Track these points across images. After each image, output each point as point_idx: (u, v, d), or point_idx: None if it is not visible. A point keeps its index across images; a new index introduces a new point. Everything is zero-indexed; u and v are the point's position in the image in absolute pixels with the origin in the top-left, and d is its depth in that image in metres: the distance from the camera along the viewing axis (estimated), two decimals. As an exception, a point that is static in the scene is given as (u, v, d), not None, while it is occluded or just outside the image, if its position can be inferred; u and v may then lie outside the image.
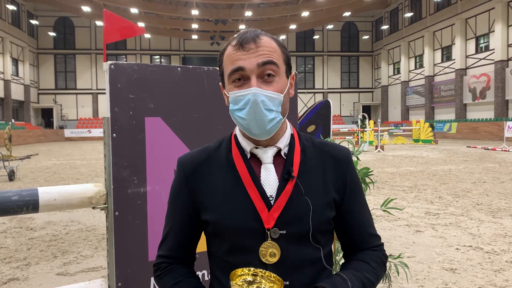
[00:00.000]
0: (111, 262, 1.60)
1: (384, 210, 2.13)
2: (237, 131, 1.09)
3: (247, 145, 1.04)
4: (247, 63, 0.96)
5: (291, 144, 1.06)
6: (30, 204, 1.40)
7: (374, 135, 20.13)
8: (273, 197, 1.00)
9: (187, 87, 1.72)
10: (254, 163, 1.04)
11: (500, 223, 5.10)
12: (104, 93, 1.56)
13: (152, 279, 1.65)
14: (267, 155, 1.03)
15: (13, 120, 32.99)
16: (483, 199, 6.64)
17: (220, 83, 1.08)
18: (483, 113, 28.57)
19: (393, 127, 29.59)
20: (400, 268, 2.38)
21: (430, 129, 23.20)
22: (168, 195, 1.13)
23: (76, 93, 41.56)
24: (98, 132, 37.71)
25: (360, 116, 23.80)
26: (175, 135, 1.69)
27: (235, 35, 1.01)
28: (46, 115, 41.03)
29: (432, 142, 22.71)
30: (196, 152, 1.11)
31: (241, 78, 0.97)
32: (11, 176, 9.70)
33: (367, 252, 1.08)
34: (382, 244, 1.13)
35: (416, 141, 23.58)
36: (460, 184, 8.25)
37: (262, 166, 1.03)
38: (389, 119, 41.40)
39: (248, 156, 1.04)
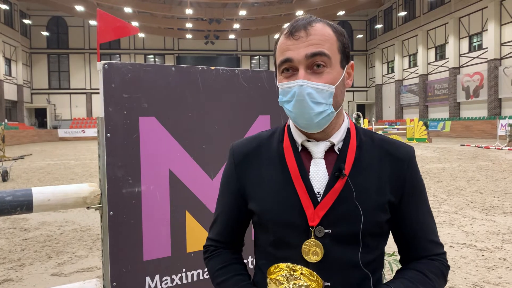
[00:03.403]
0: (106, 262, 1.59)
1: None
2: (290, 121, 1.05)
3: (298, 137, 1.00)
4: (295, 54, 0.91)
5: (346, 139, 0.99)
6: (24, 205, 1.39)
7: (369, 133, 20.18)
8: (320, 194, 0.94)
9: (181, 87, 1.71)
10: (304, 156, 0.99)
11: (493, 221, 5.14)
12: (98, 93, 1.56)
13: (147, 278, 1.65)
14: (318, 149, 0.97)
15: (6, 120, 32.75)
16: (476, 197, 6.69)
17: (276, 73, 1.04)
18: (477, 111, 28.76)
19: (387, 126, 29.67)
20: (394, 266, 2.41)
21: (424, 127, 23.33)
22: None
23: (70, 93, 41.31)
24: (92, 132, 37.45)
25: (354, 115, 23.86)
26: (169, 135, 1.69)
27: (289, 23, 0.97)
28: (40, 115, 40.74)
29: (426, 140, 22.85)
30: (248, 139, 1.08)
31: (290, 68, 0.93)
32: (5, 176, 9.63)
33: (425, 261, 1.00)
34: (444, 253, 1.03)
35: (410, 139, 23.70)
36: (454, 182, 8.31)
37: (312, 161, 0.97)
38: (383, 117, 41.55)
39: (299, 149, 0.99)
